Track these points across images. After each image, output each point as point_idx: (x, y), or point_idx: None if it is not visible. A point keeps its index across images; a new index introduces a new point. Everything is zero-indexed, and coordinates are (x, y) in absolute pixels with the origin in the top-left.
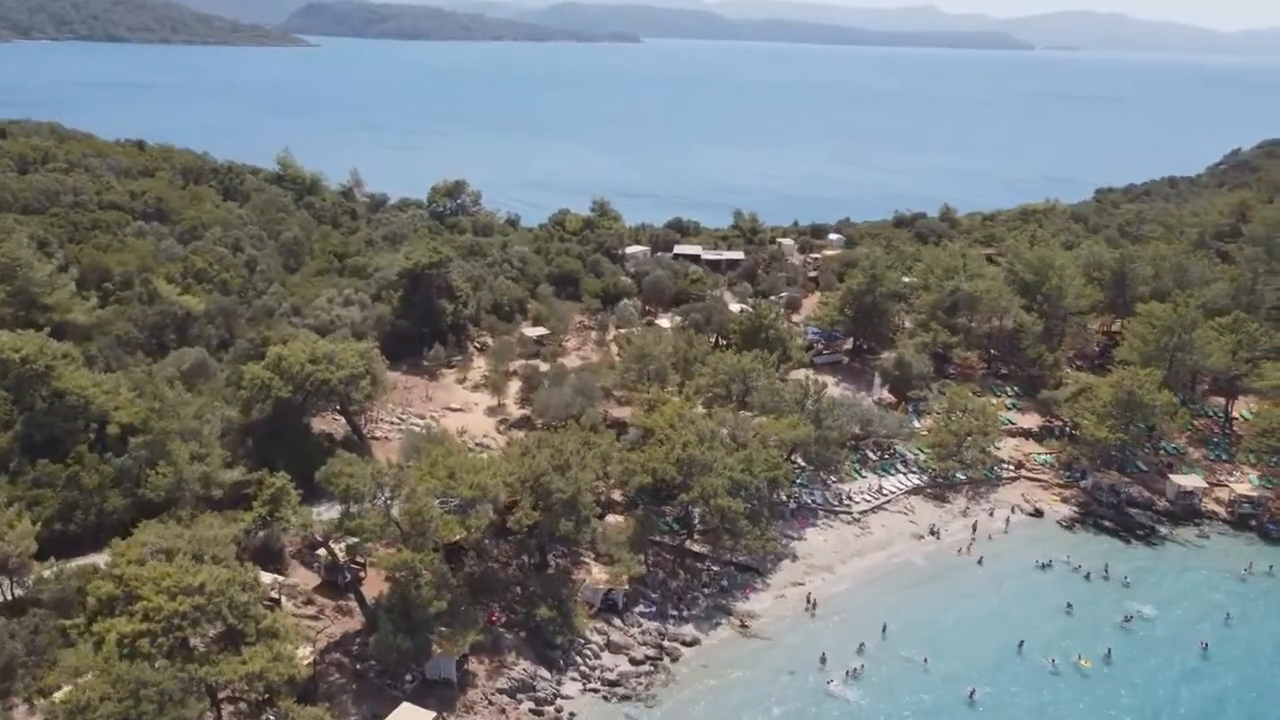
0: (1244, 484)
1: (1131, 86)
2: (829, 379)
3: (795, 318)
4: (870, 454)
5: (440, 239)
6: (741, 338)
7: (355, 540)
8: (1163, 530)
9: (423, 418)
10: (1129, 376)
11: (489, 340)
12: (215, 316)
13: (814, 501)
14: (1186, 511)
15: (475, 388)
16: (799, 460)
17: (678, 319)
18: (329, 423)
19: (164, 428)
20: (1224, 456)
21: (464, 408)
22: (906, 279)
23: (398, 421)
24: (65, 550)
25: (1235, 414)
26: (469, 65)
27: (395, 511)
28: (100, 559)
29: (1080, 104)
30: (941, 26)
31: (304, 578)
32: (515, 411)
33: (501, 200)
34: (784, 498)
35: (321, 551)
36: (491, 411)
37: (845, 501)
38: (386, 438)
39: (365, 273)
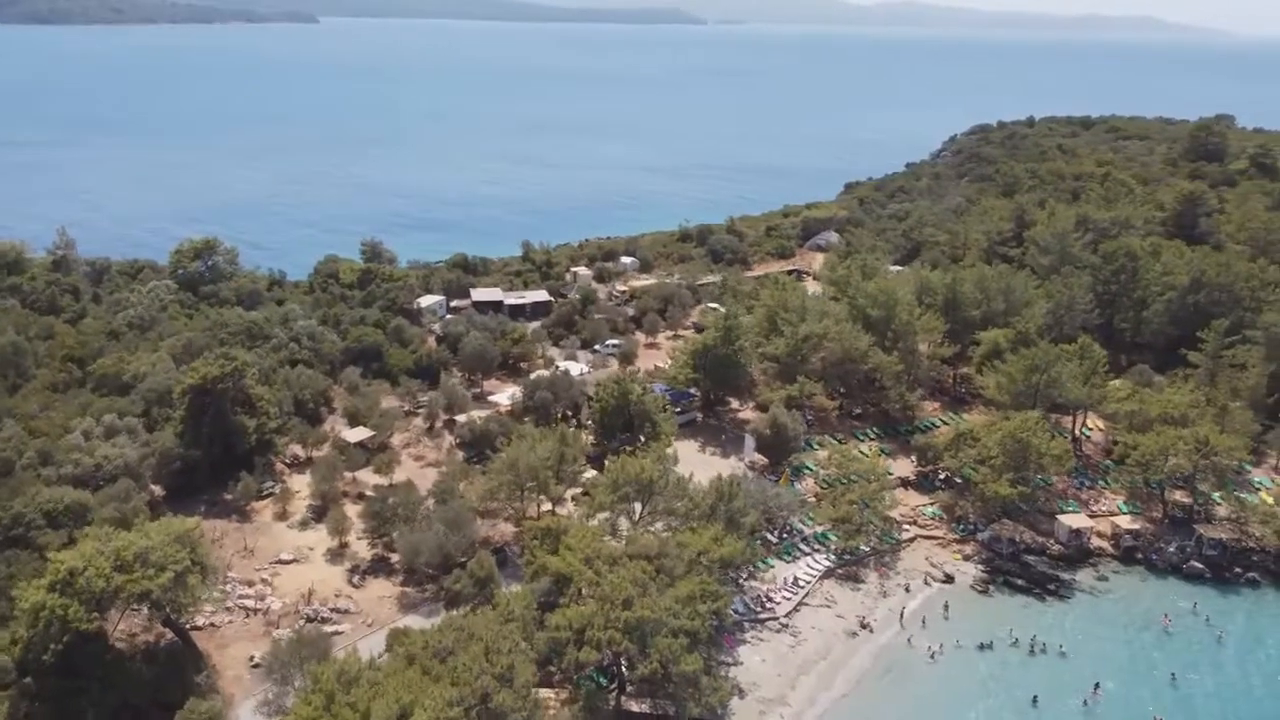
0: (1117, 513)
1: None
2: (690, 444)
3: (632, 369)
4: (769, 536)
5: (199, 317)
6: (604, 415)
7: None
8: (1064, 577)
9: (251, 584)
10: (1019, 426)
11: (299, 451)
12: None
13: (737, 612)
14: (1079, 553)
15: (303, 524)
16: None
17: (518, 395)
18: (129, 619)
19: None
20: (1086, 481)
21: (297, 557)
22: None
23: (222, 595)
24: None
25: (1078, 433)
26: (121, 55)
27: None
28: None
29: (768, 79)
30: (617, 4)
31: None
32: (365, 553)
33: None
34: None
35: None
36: (334, 556)
37: (767, 605)
38: (212, 624)
39: (121, 382)
